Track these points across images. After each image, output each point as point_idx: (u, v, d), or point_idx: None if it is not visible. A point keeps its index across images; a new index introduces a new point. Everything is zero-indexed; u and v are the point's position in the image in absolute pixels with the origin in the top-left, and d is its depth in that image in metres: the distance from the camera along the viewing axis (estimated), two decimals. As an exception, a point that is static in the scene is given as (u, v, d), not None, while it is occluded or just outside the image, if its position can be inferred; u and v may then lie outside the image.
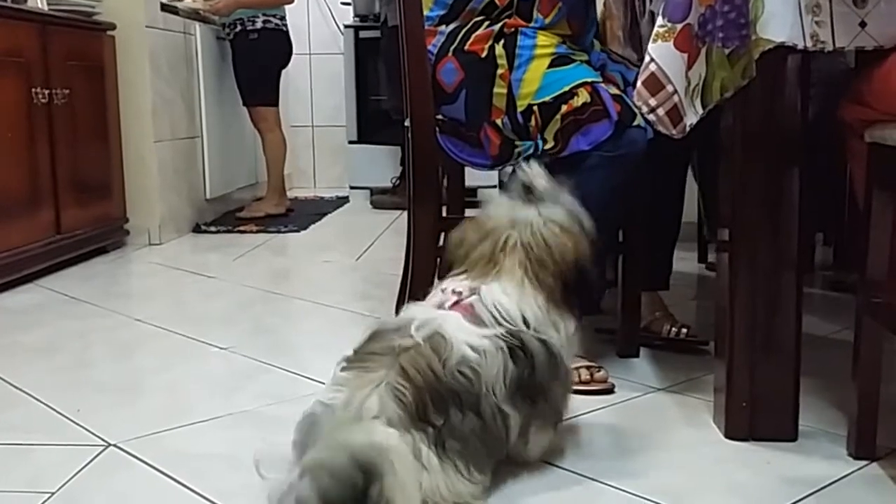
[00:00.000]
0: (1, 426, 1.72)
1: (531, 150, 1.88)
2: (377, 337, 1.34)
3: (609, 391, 1.84)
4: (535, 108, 1.87)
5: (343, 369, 1.31)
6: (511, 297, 1.38)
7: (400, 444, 1.18)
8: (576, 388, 1.82)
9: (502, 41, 1.92)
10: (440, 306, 1.38)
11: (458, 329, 1.31)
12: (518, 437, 1.39)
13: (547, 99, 1.86)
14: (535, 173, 1.48)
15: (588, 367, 1.85)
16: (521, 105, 1.88)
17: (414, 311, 1.38)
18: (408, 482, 1.15)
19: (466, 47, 1.94)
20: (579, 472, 1.46)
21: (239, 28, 4.36)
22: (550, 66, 1.89)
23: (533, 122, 1.88)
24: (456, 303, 1.38)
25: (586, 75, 1.89)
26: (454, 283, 1.43)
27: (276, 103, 4.56)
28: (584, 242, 1.45)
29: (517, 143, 1.91)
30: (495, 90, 1.91)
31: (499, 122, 1.92)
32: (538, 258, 1.42)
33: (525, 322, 1.37)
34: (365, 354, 1.31)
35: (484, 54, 1.92)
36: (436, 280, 1.55)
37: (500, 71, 1.91)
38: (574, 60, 1.92)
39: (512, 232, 1.44)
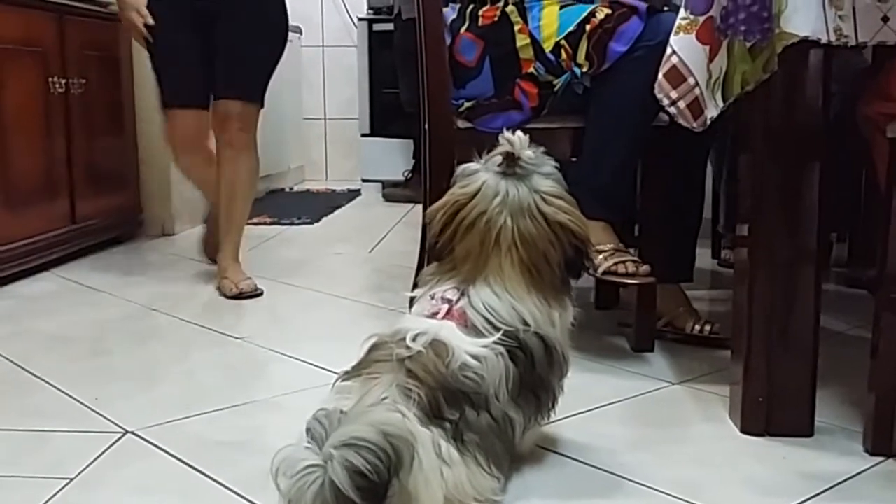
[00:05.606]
0: (19, 413, 1.74)
1: (569, 80, 1.96)
2: (377, 348, 1.30)
3: (651, 283, 1.97)
4: (562, 41, 1.94)
5: (345, 380, 1.27)
6: (504, 299, 1.33)
7: (425, 434, 1.16)
8: (618, 279, 1.94)
9: (510, 5, 2.00)
10: (433, 316, 1.33)
11: (456, 338, 1.28)
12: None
13: (570, 29, 1.94)
14: (519, 142, 1.36)
15: (634, 262, 1.93)
16: (548, 45, 1.95)
17: (407, 322, 1.33)
18: (432, 477, 1.13)
19: (479, 23, 2.02)
20: (595, 465, 1.46)
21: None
22: (562, 8, 1.98)
23: (564, 56, 1.94)
24: (448, 311, 1.33)
25: (597, 1, 1.98)
26: (443, 289, 1.36)
27: None
28: (581, 214, 1.39)
29: (554, 82, 1.97)
30: (518, 44, 1.98)
31: (531, 70, 1.97)
32: (543, 250, 1.33)
33: (525, 323, 1.32)
34: (368, 364, 1.28)
35: (497, 19, 2.00)
36: (426, 267, 1.47)
37: (517, 27, 1.98)
38: (580, 2, 2.00)
39: (504, 220, 1.34)
